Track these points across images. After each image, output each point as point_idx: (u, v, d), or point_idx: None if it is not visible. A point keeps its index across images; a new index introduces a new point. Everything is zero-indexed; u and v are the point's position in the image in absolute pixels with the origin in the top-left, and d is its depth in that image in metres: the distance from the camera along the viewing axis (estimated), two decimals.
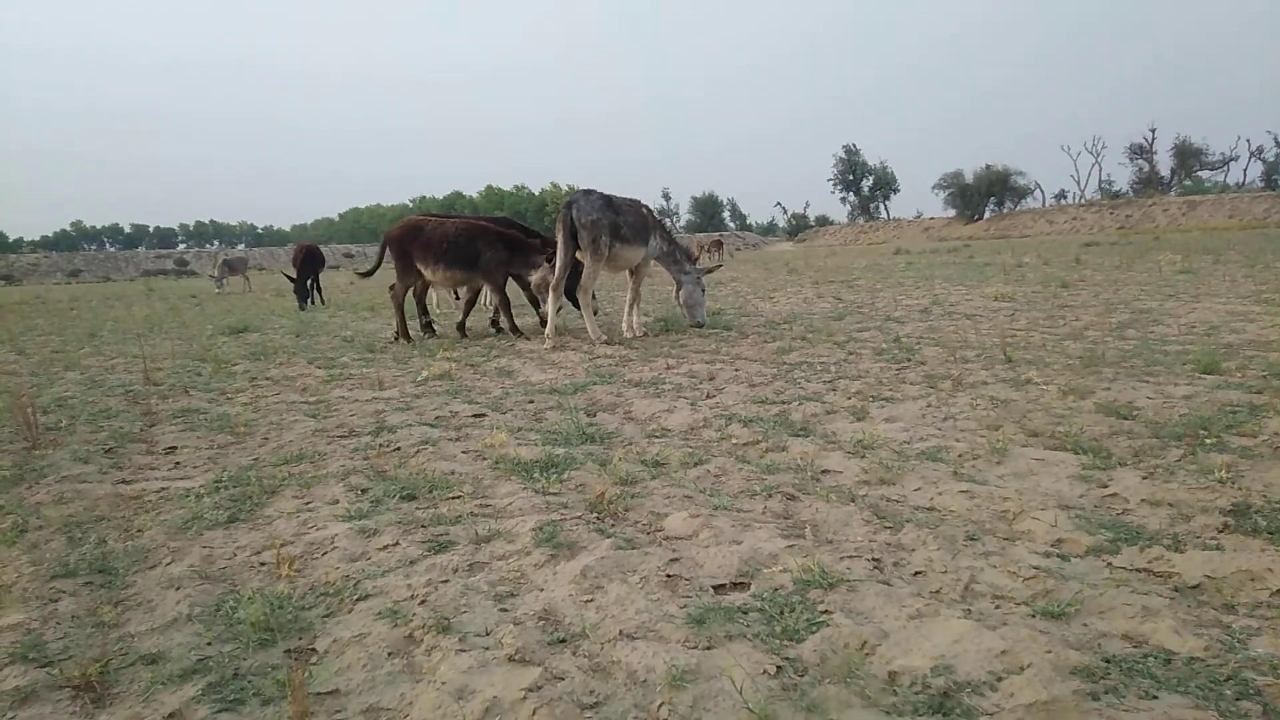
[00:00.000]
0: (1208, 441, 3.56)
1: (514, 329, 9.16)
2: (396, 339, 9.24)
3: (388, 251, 9.34)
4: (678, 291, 9.08)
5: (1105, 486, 3.14)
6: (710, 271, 9.74)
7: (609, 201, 8.07)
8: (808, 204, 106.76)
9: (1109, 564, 2.51)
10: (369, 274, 10.73)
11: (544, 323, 8.63)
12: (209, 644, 2.29)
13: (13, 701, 2.02)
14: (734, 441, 4.15)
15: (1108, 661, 1.94)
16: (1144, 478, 3.18)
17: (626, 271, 8.83)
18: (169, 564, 2.89)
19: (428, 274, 8.98)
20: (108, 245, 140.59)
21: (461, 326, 9.60)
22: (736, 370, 6.10)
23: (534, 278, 9.01)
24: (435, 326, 9.94)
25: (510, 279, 9.41)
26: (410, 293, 9.49)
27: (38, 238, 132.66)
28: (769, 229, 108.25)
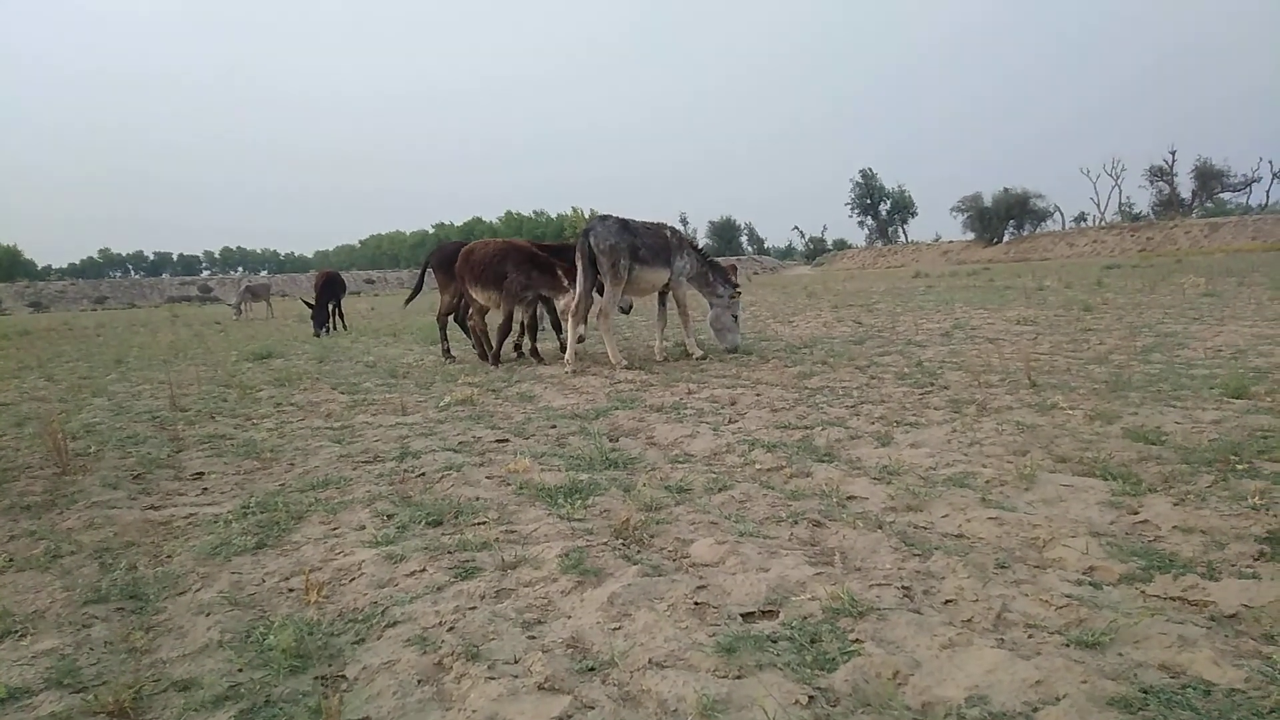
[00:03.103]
0: (1239, 467, 3.52)
1: (495, 356, 9.15)
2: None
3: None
4: (708, 314, 9.06)
5: (1136, 513, 3.11)
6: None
7: (626, 225, 8.13)
8: (825, 228, 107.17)
9: (1143, 592, 2.48)
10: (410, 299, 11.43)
11: (564, 348, 8.63)
12: (240, 670, 2.30)
13: None
14: (758, 467, 4.14)
15: (1145, 692, 1.91)
16: (1175, 504, 3.14)
17: (658, 296, 8.86)
18: (199, 590, 2.91)
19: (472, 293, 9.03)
20: (133, 272, 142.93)
21: (534, 350, 9.48)
22: (758, 395, 6.09)
23: (560, 303, 8.93)
24: (454, 352, 9.98)
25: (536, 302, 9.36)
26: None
27: (65, 265, 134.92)
28: (786, 252, 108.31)
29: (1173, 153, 65.78)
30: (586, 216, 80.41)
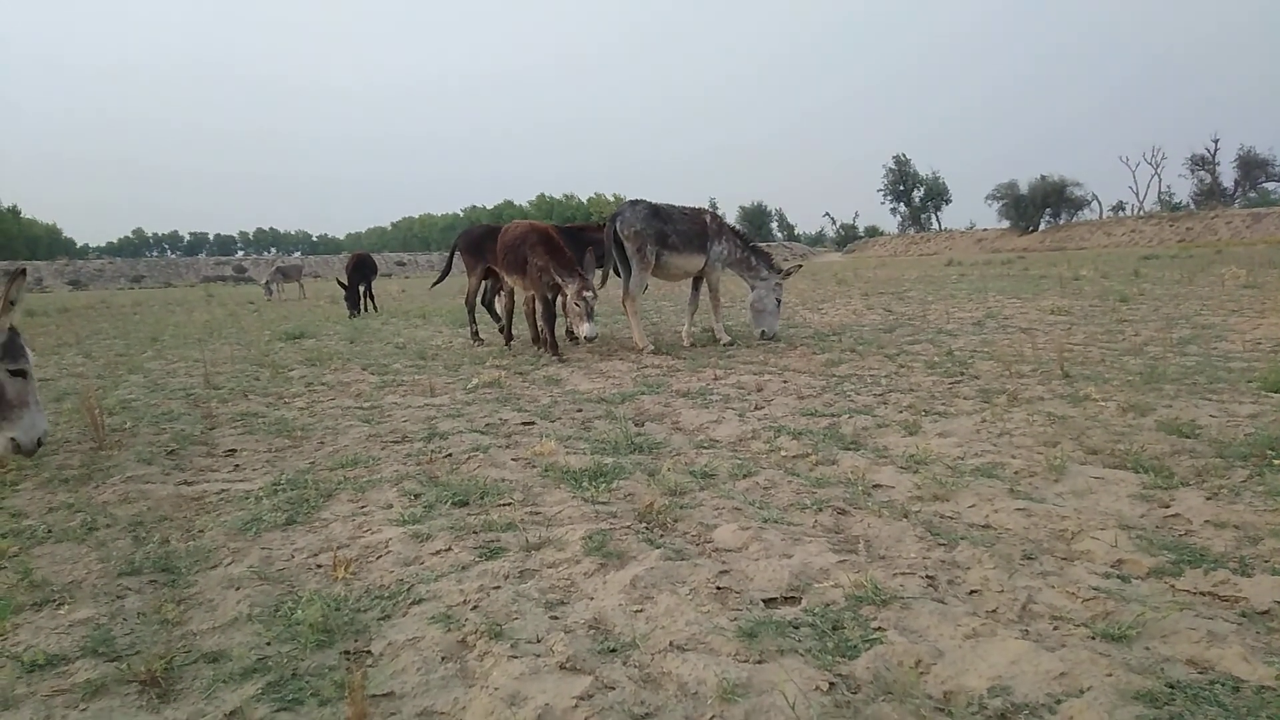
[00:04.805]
0: (1276, 462, 3.44)
1: (551, 344, 8.69)
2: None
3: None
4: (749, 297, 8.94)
5: (1167, 507, 3.06)
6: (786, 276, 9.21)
7: (656, 211, 8.10)
8: (856, 214, 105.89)
9: (1172, 586, 2.45)
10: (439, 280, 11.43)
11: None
12: (268, 644, 2.34)
13: (84, 694, 2.10)
14: (783, 454, 4.13)
15: (1172, 687, 1.89)
16: (1208, 498, 3.09)
17: (692, 280, 8.82)
18: (229, 564, 2.96)
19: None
20: (169, 252, 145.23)
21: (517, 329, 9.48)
22: (785, 382, 6.07)
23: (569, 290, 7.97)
24: (483, 336, 10.02)
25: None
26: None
27: (103, 244, 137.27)
28: (817, 239, 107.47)
29: (1215, 141, 64.07)
30: (610, 200, 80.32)
